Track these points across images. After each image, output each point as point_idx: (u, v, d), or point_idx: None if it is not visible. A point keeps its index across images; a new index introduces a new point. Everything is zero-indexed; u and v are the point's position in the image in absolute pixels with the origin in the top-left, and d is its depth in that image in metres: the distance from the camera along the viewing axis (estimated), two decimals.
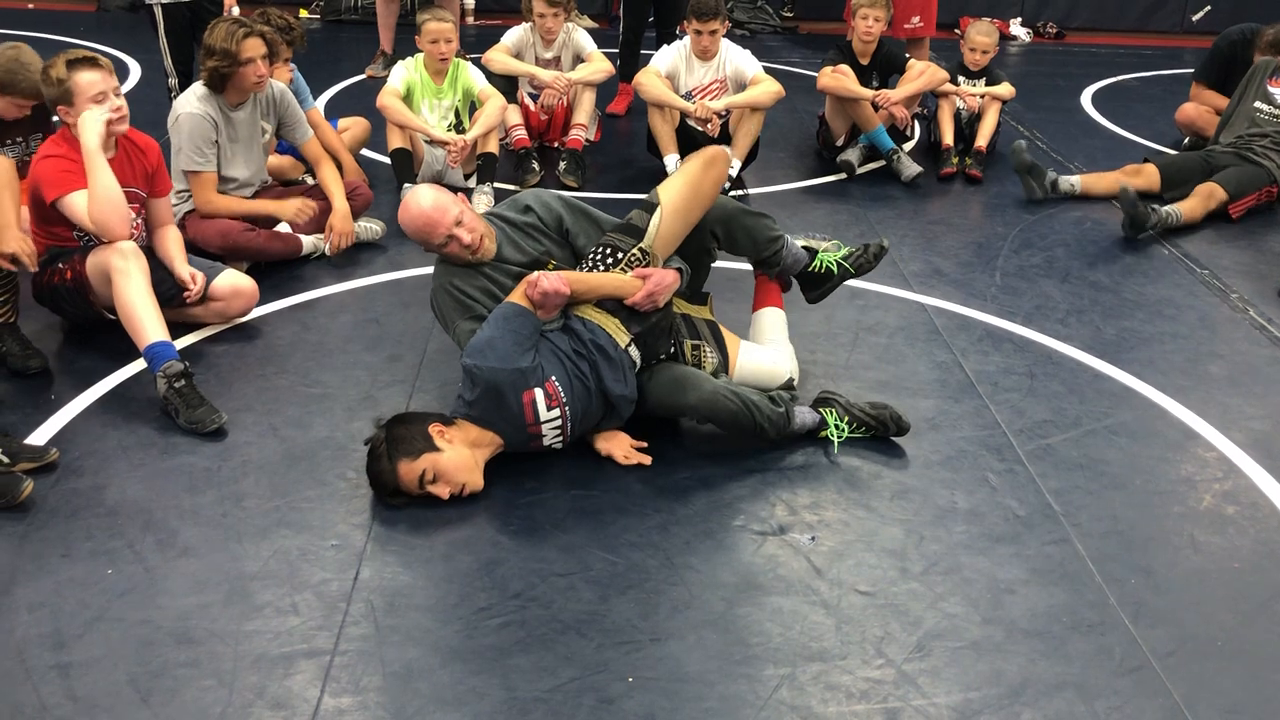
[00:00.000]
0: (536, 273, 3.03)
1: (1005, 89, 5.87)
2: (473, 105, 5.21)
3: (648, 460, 3.15)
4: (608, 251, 3.17)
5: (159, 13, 5.29)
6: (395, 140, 5.00)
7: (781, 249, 3.46)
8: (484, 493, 3.00)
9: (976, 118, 5.86)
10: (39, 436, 3.19)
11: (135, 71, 7.18)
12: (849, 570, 2.78)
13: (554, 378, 3.00)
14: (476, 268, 3.20)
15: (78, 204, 3.39)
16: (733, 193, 5.21)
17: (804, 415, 3.27)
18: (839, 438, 3.27)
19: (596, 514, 2.97)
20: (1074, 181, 5.45)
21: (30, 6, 9.01)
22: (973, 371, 3.76)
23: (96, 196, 3.35)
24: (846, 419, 3.28)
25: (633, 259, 3.15)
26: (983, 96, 5.85)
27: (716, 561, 2.80)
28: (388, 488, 2.91)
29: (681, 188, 3.21)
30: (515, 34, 5.60)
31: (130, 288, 3.35)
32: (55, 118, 4.31)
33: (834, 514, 3.00)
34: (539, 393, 2.97)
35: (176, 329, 3.77)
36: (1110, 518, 3.04)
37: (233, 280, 3.78)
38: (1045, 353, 3.93)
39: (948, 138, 5.77)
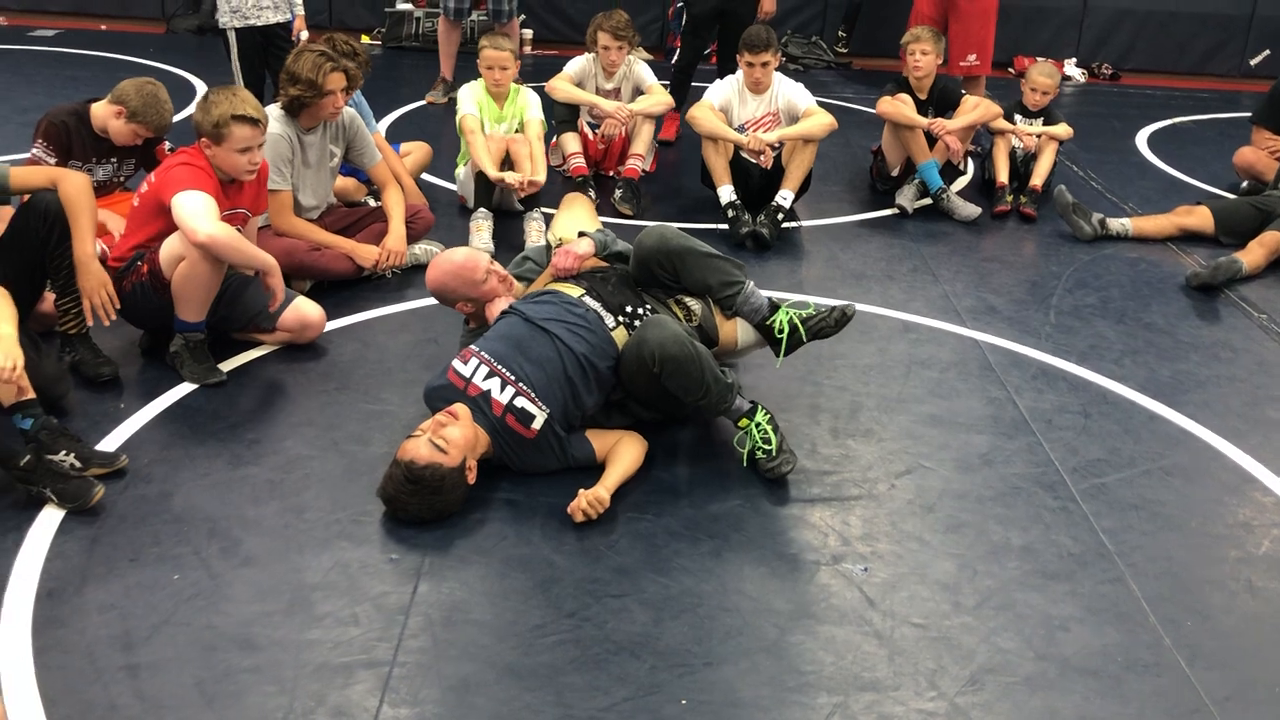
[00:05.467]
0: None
1: (1063, 129, 5.88)
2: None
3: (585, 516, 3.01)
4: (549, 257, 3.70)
5: (233, 37, 5.44)
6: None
7: (737, 294, 3.42)
8: (539, 514, 3.05)
9: (1032, 157, 5.87)
10: (108, 444, 3.27)
11: (202, 92, 7.34)
12: (902, 602, 2.79)
13: (469, 348, 3.26)
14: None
15: (189, 204, 3.47)
16: (785, 224, 5.25)
17: (741, 402, 3.26)
18: (753, 439, 3.23)
19: (649, 537, 3.00)
20: (1125, 223, 5.44)
21: (103, 28, 9.28)
22: (1026, 409, 3.76)
23: (235, 241, 3.54)
24: (771, 428, 3.25)
25: (553, 251, 3.66)
26: (1039, 136, 5.86)
27: (769, 588, 2.82)
28: (410, 478, 2.91)
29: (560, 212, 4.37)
30: (578, 64, 5.70)
31: (195, 274, 3.49)
32: (168, 144, 4.51)
33: (887, 546, 3.01)
34: (455, 362, 3.22)
35: (241, 345, 3.88)
36: (1165, 559, 3.02)
37: (302, 311, 3.86)
38: (1100, 392, 3.92)
39: (1002, 176, 5.78)
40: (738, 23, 6.57)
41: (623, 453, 3.20)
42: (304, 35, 5.81)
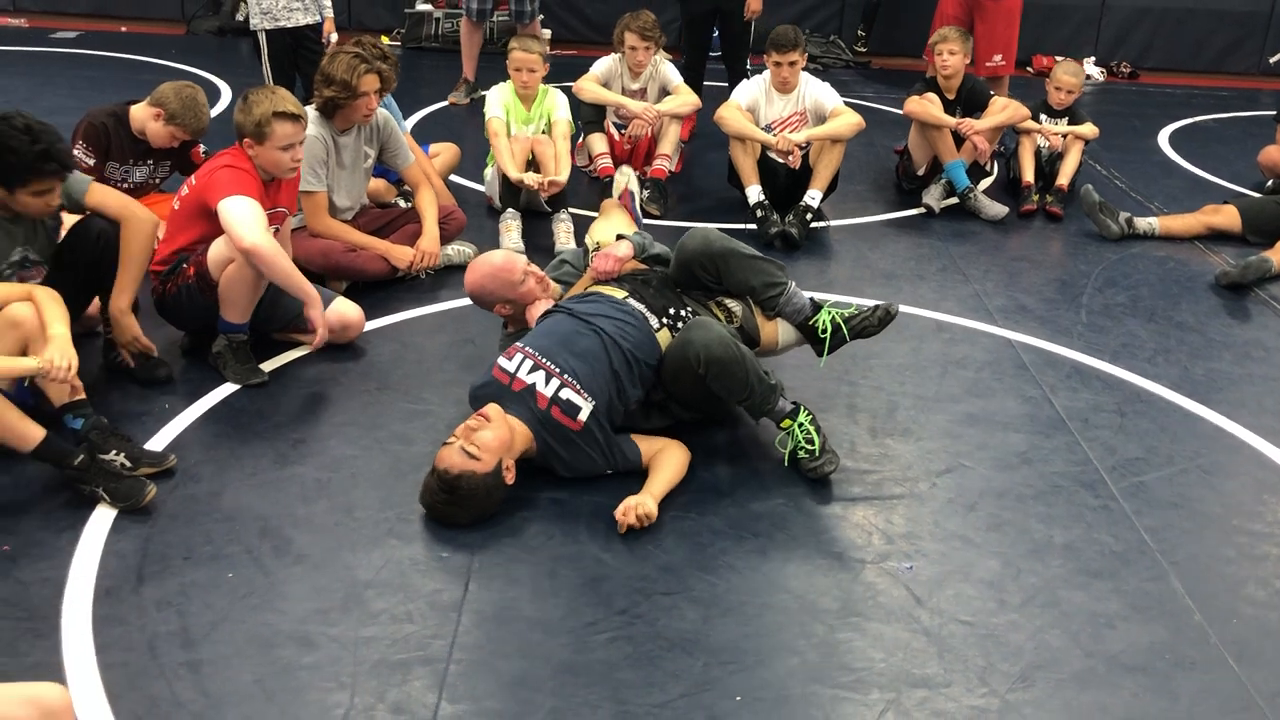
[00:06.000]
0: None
1: (1089, 129, 5.89)
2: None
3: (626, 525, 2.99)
4: (588, 261, 3.72)
5: (263, 38, 5.48)
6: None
7: (779, 295, 3.44)
8: (584, 513, 3.07)
9: (1057, 156, 5.88)
10: (155, 444, 3.30)
11: (225, 93, 7.38)
12: (949, 600, 2.81)
13: (515, 345, 3.29)
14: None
15: (237, 210, 3.49)
16: (814, 224, 5.27)
17: (784, 403, 3.28)
18: (795, 440, 3.26)
19: (694, 536, 3.02)
20: (1152, 222, 5.45)
21: (123, 29, 9.32)
22: (1062, 407, 3.77)
23: (278, 257, 3.55)
24: (814, 428, 3.27)
25: (593, 256, 3.66)
26: (1065, 136, 5.88)
27: (816, 586, 2.85)
28: (444, 487, 2.93)
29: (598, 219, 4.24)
30: (604, 64, 5.73)
31: (243, 277, 3.53)
32: (203, 147, 4.53)
33: (931, 545, 3.03)
34: (500, 359, 3.26)
35: (281, 346, 3.92)
36: (1207, 557, 3.04)
37: (342, 312, 3.89)
38: (1134, 391, 3.94)
39: (1028, 175, 5.80)
40: (734, 22, 6.61)
41: (668, 460, 3.20)
42: (334, 38, 5.84)
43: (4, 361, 2.87)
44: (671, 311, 3.38)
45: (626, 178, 5.03)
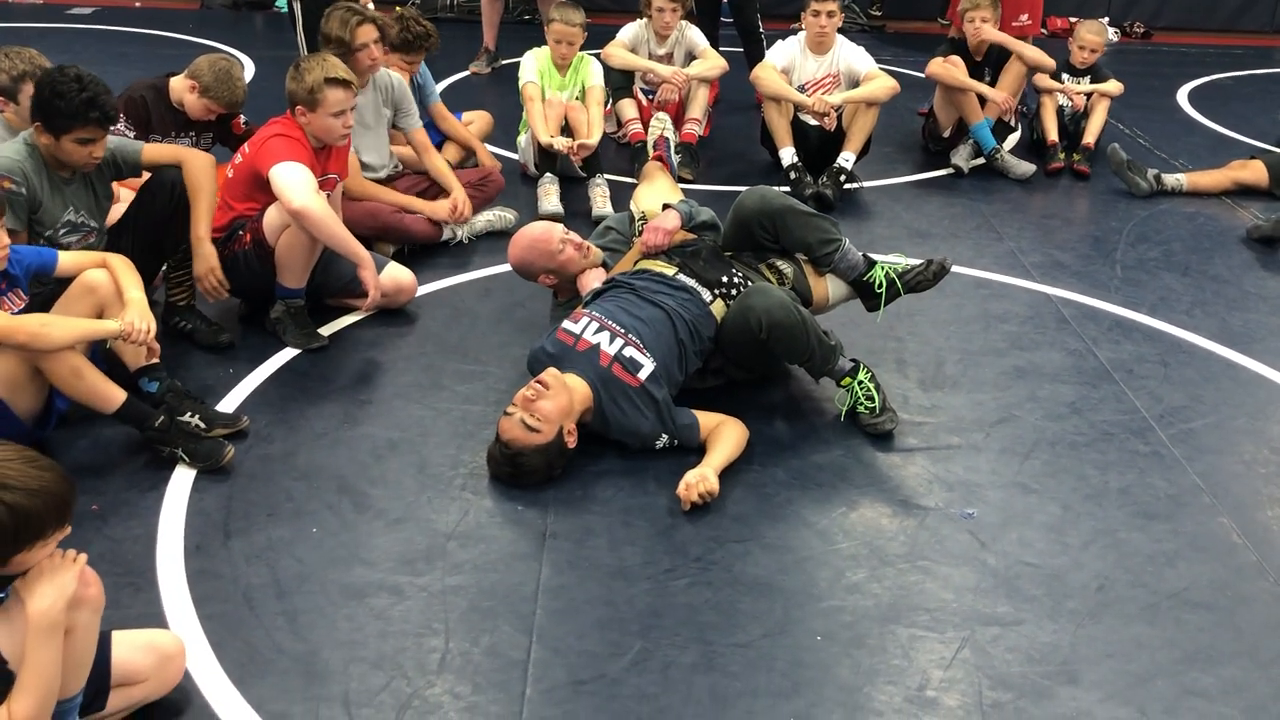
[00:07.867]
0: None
1: (1114, 86, 5.92)
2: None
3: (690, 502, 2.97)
4: (634, 231, 3.85)
5: (298, 8, 5.50)
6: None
7: (835, 252, 3.49)
8: (651, 466, 3.15)
9: (1081, 115, 5.92)
10: (223, 407, 3.36)
11: (249, 67, 7.38)
12: (1012, 544, 2.89)
13: (579, 309, 3.37)
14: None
15: (287, 174, 3.54)
16: (847, 185, 5.32)
17: (843, 362, 3.35)
18: (854, 396, 3.33)
19: (760, 487, 3.10)
20: (1180, 179, 5.50)
21: (137, 5, 9.31)
22: (1106, 359, 3.84)
23: (329, 220, 3.59)
24: (874, 386, 3.34)
25: (639, 226, 3.78)
26: (1089, 95, 5.91)
27: (883, 533, 2.92)
28: (509, 460, 3.00)
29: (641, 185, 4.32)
30: (631, 30, 5.75)
31: (298, 242, 3.59)
32: (244, 119, 4.55)
33: (990, 492, 3.11)
34: (565, 323, 3.32)
35: (336, 311, 3.98)
36: (1260, 499, 3.12)
37: (395, 275, 3.95)
38: (1175, 342, 4.01)
39: (1052, 134, 5.83)
40: None
41: (726, 436, 3.17)
42: (371, 7, 5.85)
43: (86, 324, 2.93)
44: (724, 281, 3.42)
45: (663, 124, 5.05)
